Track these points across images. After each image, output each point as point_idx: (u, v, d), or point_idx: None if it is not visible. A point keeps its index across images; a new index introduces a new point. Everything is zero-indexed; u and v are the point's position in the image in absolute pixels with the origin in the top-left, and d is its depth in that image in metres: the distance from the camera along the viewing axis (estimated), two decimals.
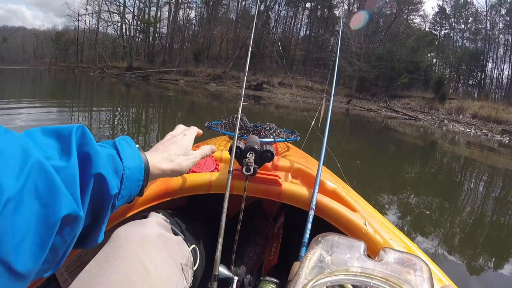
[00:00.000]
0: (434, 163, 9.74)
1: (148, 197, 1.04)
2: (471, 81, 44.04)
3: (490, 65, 42.87)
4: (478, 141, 16.42)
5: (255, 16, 2.23)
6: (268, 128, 1.85)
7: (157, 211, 0.96)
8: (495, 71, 42.88)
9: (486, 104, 28.10)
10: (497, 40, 42.51)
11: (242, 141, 1.15)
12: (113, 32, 56.93)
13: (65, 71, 50.30)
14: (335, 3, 48.31)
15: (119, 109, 12.86)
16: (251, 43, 1.71)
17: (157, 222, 0.87)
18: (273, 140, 1.69)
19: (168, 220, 0.93)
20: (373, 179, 6.49)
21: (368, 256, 0.41)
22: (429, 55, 41.04)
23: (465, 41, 45.33)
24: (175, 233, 0.90)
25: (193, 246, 0.93)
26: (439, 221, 4.55)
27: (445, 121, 24.33)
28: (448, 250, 3.61)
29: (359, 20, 37.76)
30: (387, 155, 9.99)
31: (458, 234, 4.19)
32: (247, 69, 1.63)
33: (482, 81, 42.28)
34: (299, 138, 1.89)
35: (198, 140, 1.16)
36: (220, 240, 0.90)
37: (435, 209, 5.04)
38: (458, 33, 45.93)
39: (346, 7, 44.16)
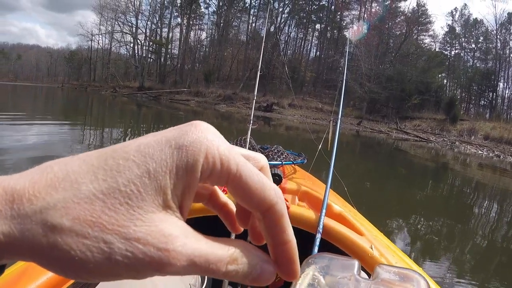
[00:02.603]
0: (445, 186, 9.64)
1: None
2: (483, 102, 43.86)
3: (501, 84, 42.76)
4: (491, 163, 16.24)
5: (263, 39, 2.28)
6: (275, 150, 1.87)
7: None
8: (507, 91, 42.70)
9: (498, 125, 27.90)
10: (508, 59, 42.40)
11: None
12: (125, 52, 58.02)
13: (77, 89, 51.10)
14: (344, 24, 48.81)
15: (130, 128, 12.99)
16: (259, 66, 1.74)
17: None
18: (281, 162, 1.70)
19: None
20: (381, 202, 6.43)
21: (368, 274, 0.39)
22: (439, 75, 40.99)
23: (475, 60, 45.33)
24: None
25: None
26: (448, 246, 4.48)
27: (457, 142, 24.15)
28: (457, 277, 3.53)
29: (358, 30, 38.16)
30: (397, 177, 9.92)
31: (468, 261, 4.11)
32: (255, 93, 1.66)
33: (494, 101, 42.04)
34: (306, 160, 1.90)
35: None
36: None
37: (445, 234, 4.96)
38: (469, 53, 45.96)
39: (355, 28, 44.51)
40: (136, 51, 53.94)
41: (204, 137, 0.24)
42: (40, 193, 0.21)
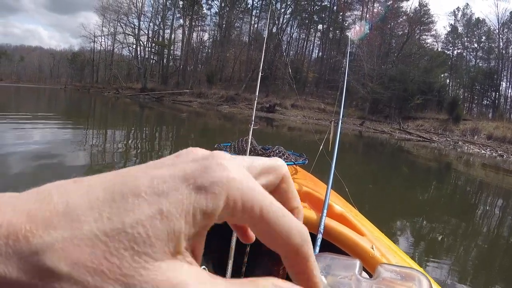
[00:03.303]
0: (448, 187, 9.62)
1: None
2: (485, 101, 43.69)
3: (504, 84, 42.54)
4: (494, 163, 16.20)
5: (265, 39, 2.28)
6: (276, 151, 1.87)
7: None
8: (510, 90, 42.49)
9: (501, 125, 27.81)
10: (510, 58, 42.18)
11: None
12: (128, 53, 58.10)
13: (80, 91, 51.25)
14: (346, 24, 48.77)
15: (132, 129, 13.01)
16: (261, 67, 1.75)
17: None
18: None
19: None
20: (383, 202, 6.41)
21: (369, 274, 0.39)
22: (442, 75, 40.86)
23: (478, 60, 45.22)
24: None
25: (203, 266, 0.95)
26: (450, 248, 4.47)
27: (460, 142, 24.09)
28: (458, 279, 3.51)
29: (360, 30, 38.17)
30: (399, 178, 9.90)
31: (470, 263, 4.09)
32: (257, 94, 1.67)
33: (497, 101, 41.88)
34: (307, 161, 1.90)
35: None
36: (230, 262, 0.93)
37: (447, 235, 4.95)
38: (471, 53, 45.86)
39: (357, 28, 44.46)
40: (138, 53, 54.10)
41: (226, 176, 0.21)
42: (38, 230, 0.18)
